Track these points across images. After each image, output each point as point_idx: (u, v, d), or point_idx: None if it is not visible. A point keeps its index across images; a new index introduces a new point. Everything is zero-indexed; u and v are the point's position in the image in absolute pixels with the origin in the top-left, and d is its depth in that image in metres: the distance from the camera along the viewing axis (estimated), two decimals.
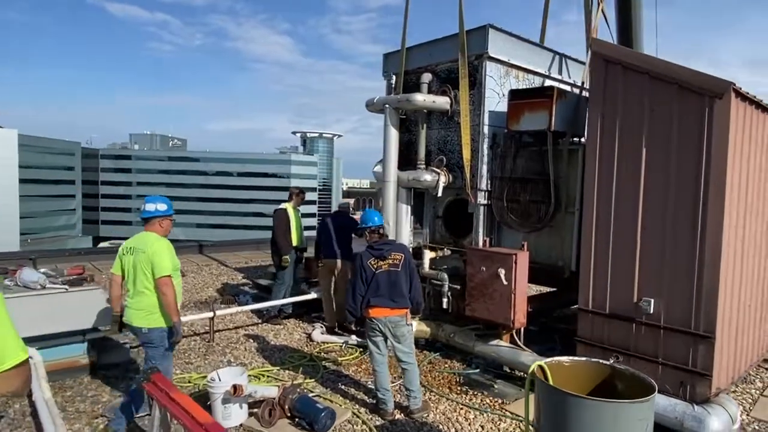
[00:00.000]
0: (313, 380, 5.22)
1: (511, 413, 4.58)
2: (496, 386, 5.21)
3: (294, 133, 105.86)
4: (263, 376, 5.34)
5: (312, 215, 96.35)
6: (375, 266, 4.44)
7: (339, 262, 6.76)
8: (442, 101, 5.74)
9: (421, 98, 5.65)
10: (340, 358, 5.86)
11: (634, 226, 4.67)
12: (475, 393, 5.04)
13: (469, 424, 4.40)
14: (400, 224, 6.07)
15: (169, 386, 3.29)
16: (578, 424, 2.57)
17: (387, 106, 5.79)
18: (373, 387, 4.88)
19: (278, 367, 5.57)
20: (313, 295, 7.29)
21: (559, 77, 6.69)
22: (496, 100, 5.88)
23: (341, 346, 6.33)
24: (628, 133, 4.69)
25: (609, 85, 4.83)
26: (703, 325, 4.27)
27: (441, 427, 4.35)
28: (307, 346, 6.39)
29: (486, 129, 5.80)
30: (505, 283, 5.21)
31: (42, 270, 5.26)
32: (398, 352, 4.51)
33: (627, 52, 4.66)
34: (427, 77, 6.16)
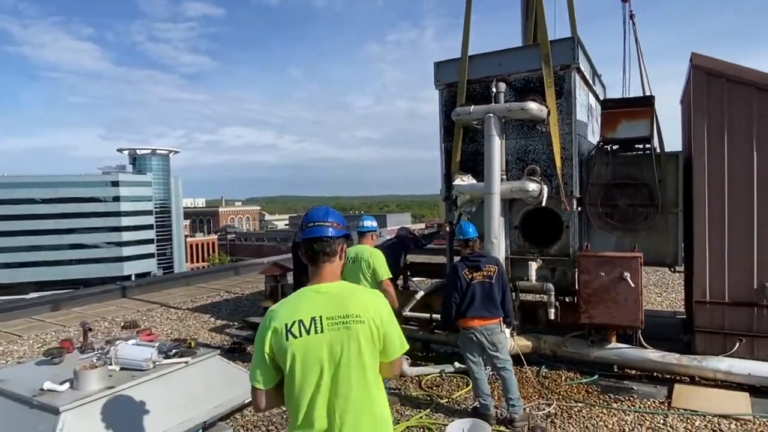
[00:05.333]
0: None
1: (689, 410, 4.72)
2: (635, 387, 5.31)
3: (120, 150, 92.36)
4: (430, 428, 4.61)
5: (149, 241, 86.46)
6: (469, 277, 4.61)
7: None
8: (545, 110, 5.70)
9: (536, 107, 5.52)
10: (460, 392, 5.37)
11: (750, 223, 5.21)
12: (629, 398, 5.07)
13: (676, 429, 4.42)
14: (499, 238, 5.81)
15: None
16: None
17: (491, 115, 5.51)
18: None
19: (425, 412, 4.87)
20: None
21: (594, 88, 7.16)
22: (578, 109, 6.04)
23: (442, 376, 5.81)
24: (736, 137, 5.23)
25: (712, 96, 5.34)
26: None
27: None
28: (401, 382, 5.70)
29: (576, 137, 5.92)
30: (633, 285, 5.36)
31: (132, 341, 3.77)
32: (495, 361, 4.60)
33: (729, 65, 5.21)
34: (502, 86, 6.04)
